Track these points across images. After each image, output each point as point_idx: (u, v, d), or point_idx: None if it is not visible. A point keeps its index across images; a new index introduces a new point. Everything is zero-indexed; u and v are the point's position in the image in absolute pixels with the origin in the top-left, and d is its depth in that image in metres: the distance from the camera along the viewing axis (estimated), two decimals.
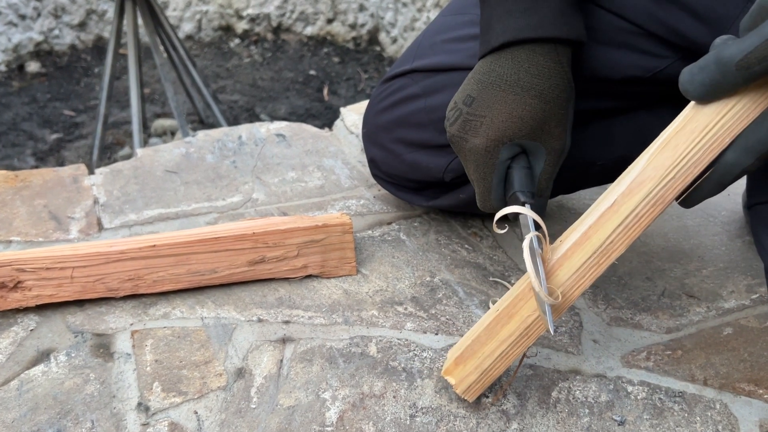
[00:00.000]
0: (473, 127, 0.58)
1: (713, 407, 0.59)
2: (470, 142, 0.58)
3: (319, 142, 1.00)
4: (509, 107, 0.56)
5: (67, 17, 2.63)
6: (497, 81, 0.57)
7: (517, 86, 0.56)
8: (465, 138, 0.58)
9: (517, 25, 0.55)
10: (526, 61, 0.56)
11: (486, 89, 0.57)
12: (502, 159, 0.57)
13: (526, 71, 0.56)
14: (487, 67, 0.58)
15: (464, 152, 0.59)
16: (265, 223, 0.70)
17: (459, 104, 0.59)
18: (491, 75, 0.57)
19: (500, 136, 0.57)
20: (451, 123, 0.60)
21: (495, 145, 0.57)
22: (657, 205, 0.48)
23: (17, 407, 0.57)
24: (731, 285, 0.75)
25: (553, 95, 0.57)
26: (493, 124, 0.57)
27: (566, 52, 0.57)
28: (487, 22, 0.58)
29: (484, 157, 0.58)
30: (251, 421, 0.56)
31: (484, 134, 0.57)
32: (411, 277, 0.73)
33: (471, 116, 0.58)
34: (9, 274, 0.64)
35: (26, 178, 0.87)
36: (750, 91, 0.43)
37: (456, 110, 0.59)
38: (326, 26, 2.89)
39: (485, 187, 0.59)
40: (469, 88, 0.59)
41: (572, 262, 0.50)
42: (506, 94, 0.56)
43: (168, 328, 0.65)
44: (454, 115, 0.59)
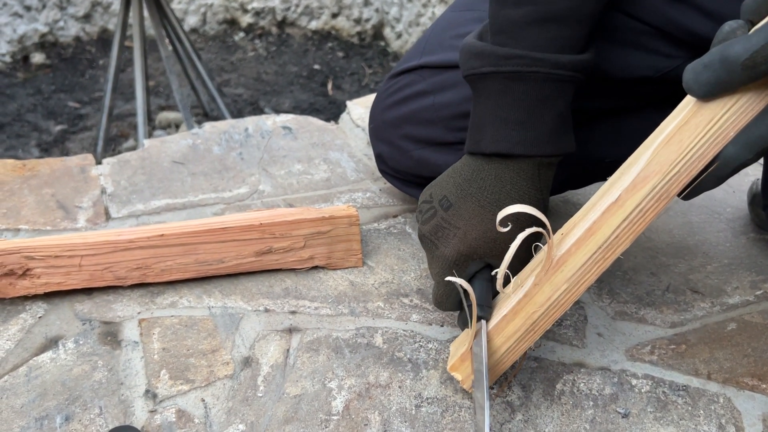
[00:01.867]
0: (445, 235, 0.57)
1: (717, 401, 0.59)
2: (440, 249, 0.57)
3: (325, 135, 1.00)
4: (485, 226, 0.55)
5: (72, 9, 2.63)
6: (477, 194, 0.56)
7: (496, 206, 0.55)
8: (435, 244, 0.58)
9: (511, 138, 0.54)
10: (508, 183, 0.55)
11: (465, 199, 0.56)
12: (468, 272, 0.57)
13: (507, 194, 0.55)
14: (469, 173, 0.56)
15: (432, 256, 0.59)
16: (273, 214, 0.70)
17: (435, 203, 0.58)
18: (472, 185, 0.56)
19: (471, 252, 0.56)
20: (423, 221, 0.59)
21: (464, 259, 0.56)
22: (662, 200, 0.48)
23: (26, 393, 0.57)
24: (735, 281, 0.75)
25: (529, 223, 0.56)
26: (466, 239, 0.56)
27: (548, 176, 0.56)
28: (480, 121, 0.56)
29: (450, 267, 0.57)
30: (258, 410, 0.56)
31: (455, 247, 0.56)
32: (417, 269, 0.74)
33: (445, 222, 0.57)
34: (18, 262, 0.65)
35: (34, 168, 0.87)
36: (753, 86, 0.43)
37: (431, 208, 0.58)
38: (331, 21, 2.88)
39: (444, 292, 0.59)
40: (448, 190, 0.58)
41: (577, 258, 0.50)
42: (484, 211, 0.55)
43: (175, 317, 0.66)
44: (429, 213, 0.59)
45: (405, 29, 2.69)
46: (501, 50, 0.53)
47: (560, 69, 0.53)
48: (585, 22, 0.54)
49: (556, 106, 0.54)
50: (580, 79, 0.55)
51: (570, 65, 0.53)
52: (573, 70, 0.53)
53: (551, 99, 0.54)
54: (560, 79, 0.53)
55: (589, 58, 0.55)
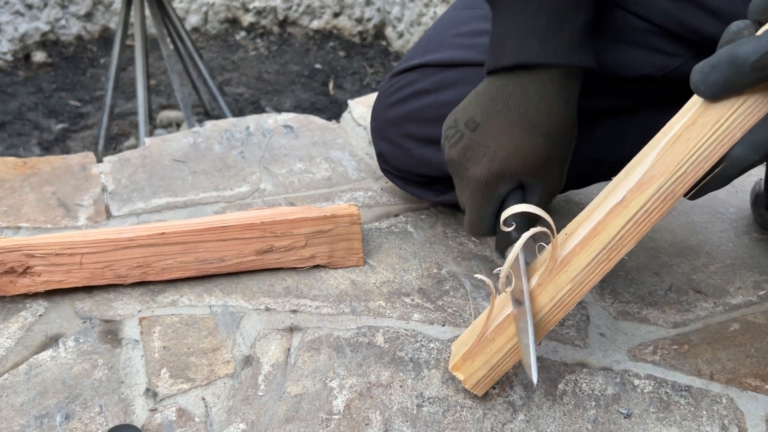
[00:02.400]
0: (476, 155, 0.56)
1: (719, 401, 0.59)
2: (471, 170, 0.56)
3: (326, 134, 1.00)
4: (515, 142, 0.54)
5: (73, 7, 2.63)
6: (504, 111, 0.55)
7: (524, 121, 0.54)
8: (465, 166, 0.57)
9: (532, 48, 0.53)
10: (535, 96, 0.54)
11: (492, 117, 0.55)
12: (499, 193, 0.56)
13: (535, 107, 0.54)
14: (494, 91, 0.56)
15: (462, 179, 0.58)
16: (274, 213, 0.70)
17: (461, 126, 0.57)
18: (498, 103, 0.55)
19: (502, 171, 0.55)
20: (451, 145, 0.58)
21: (496, 179, 0.56)
22: (667, 201, 0.47)
23: (26, 391, 0.57)
24: (738, 281, 0.75)
25: (558, 135, 0.55)
26: (497, 156, 0.55)
27: (575, 86, 0.56)
28: (500, 37, 0.55)
29: (482, 189, 0.56)
30: (259, 409, 0.56)
31: (486, 166, 0.55)
32: (418, 268, 0.74)
33: (474, 143, 0.56)
34: (18, 260, 0.65)
35: (35, 166, 0.87)
36: (762, 87, 0.43)
37: (457, 132, 0.58)
38: (332, 20, 2.88)
39: (478, 215, 0.58)
40: (473, 111, 0.57)
41: (581, 259, 0.50)
42: (513, 127, 0.54)
43: (176, 316, 0.65)
44: (455, 137, 0.58)
45: (407, 29, 2.68)
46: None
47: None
48: None
49: (578, 17, 0.54)
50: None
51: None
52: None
53: (572, 10, 0.53)
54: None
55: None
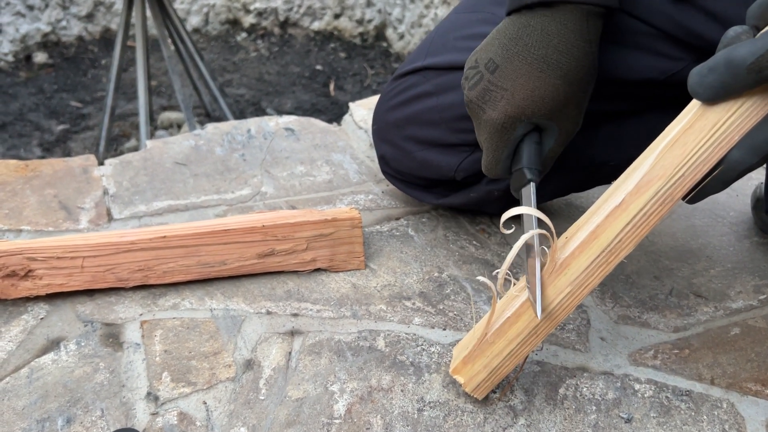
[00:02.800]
0: (493, 98, 0.56)
1: (720, 406, 0.59)
2: (488, 113, 0.57)
3: (327, 137, 1.00)
4: (533, 84, 0.55)
5: (74, 8, 2.63)
6: (523, 52, 0.55)
7: (543, 62, 0.54)
8: (483, 108, 0.57)
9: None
10: (555, 36, 0.54)
11: (511, 59, 0.55)
12: (516, 135, 0.57)
13: (554, 48, 0.54)
14: (514, 31, 0.56)
15: (479, 120, 0.59)
16: (275, 216, 0.70)
17: (481, 67, 0.58)
18: (518, 44, 0.55)
19: (519, 114, 0.56)
20: (470, 86, 0.58)
21: (512, 122, 0.56)
22: (665, 204, 0.48)
23: (27, 394, 0.57)
24: (739, 285, 0.75)
25: (578, 77, 0.55)
26: (514, 99, 0.55)
27: (598, 25, 0.56)
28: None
29: (499, 131, 0.57)
30: (260, 413, 0.56)
31: (503, 109, 0.56)
32: (419, 272, 0.74)
33: (492, 85, 0.56)
34: (20, 263, 0.65)
35: (36, 168, 0.87)
36: (759, 90, 0.43)
37: (477, 73, 0.58)
38: (333, 21, 2.88)
39: (494, 157, 0.59)
40: (493, 52, 0.57)
41: (580, 261, 0.50)
42: (531, 68, 0.55)
43: (177, 319, 0.65)
44: (475, 78, 0.58)
45: (407, 30, 2.69)
46: None
47: None
48: None
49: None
50: None
51: None
52: None
53: None
54: None
55: None
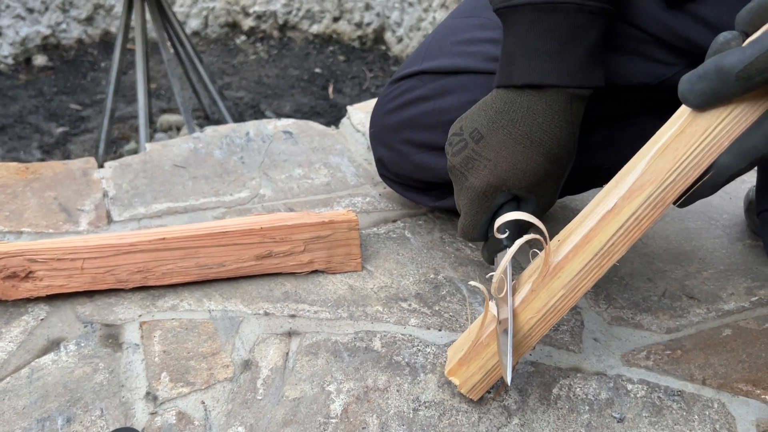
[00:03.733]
0: (476, 166, 0.58)
1: (711, 406, 0.60)
2: (470, 180, 0.58)
3: (325, 140, 1.01)
4: (515, 158, 0.56)
5: (74, 11, 2.64)
6: (509, 126, 0.56)
7: (527, 139, 0.56)
8: (465, 175, 0.59)
9: (543, 69, 0.55)
10: (540, 116, 0.56)
11: (496, 131, 0.57)
12: (495, 203, 0.58)
13: (539, 126, 0.56)
14: (501, 105, 0.57)
15: (461, 186, 0.60)
16: (273, 219, 0.71)
17: (465, 135, 0.59)
18: (504, 117, 0.57)
19: (500, 184, 0.57)
20: (454, 153, 0.60)
21: (493, 191, 0.58)
22: (657, 208, 0.48)
23: (28, 394, 0.58)
24: (731, 287, 0.76)
25: (559, 155, 0.57)
26: (496, 170, 0.57)
27: (580, 108, 0.57)
28: (511, 53, 0.57)
29: (479, 197, 0.58)
30: (257, 412, 0.57)
31: (485, 178, 0.57)
32: (415, 274, 0.74)
33: (476, 155, 0.58)
34: (20, 264, 0.65)
35: (37, 171, 0.88)
36: (747, 97, 0.44)
37: (461, 140, 0.59)
38: (332, 24, 2.90)
39: (472, 222, 0.60)
40: (479, 122, 0.58)
41: (574, 265, 0.51)
42: (515, 143, 0.56)
43: (176, 320, 0.66)
44: (459, 145, 0.59)
45: (406, 33, 2.70)
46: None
47: (592, 0, 0.53)
48: None
49: (588, 38, 0.55)
50: (611, 11, 0.55)
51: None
52: (605, 1, 0.54)
53: (583, 30, 0.54)
54: (592, 11, 0.54)
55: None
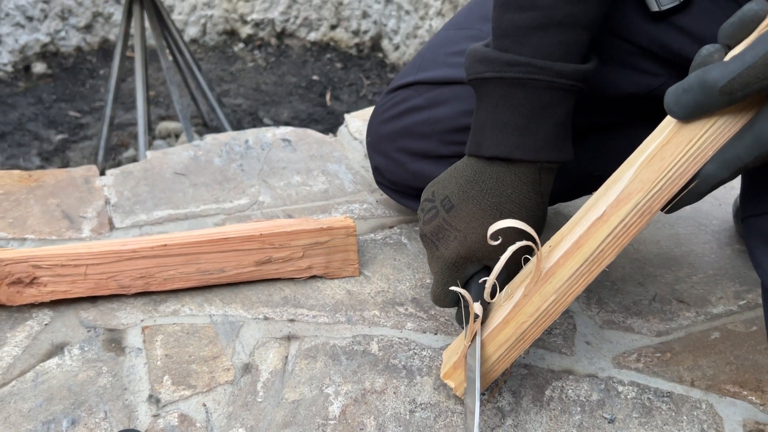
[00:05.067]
0: (446, 236, 0.58)
1: (699, 407, 0.61)
2: (440, 250, 0.59)
3: (323, 148, 1.03)
4: (484, 230, 0.56)
5: (73, 19, 2.66)
6: (478, 197, 0.57)
7: (496, 210, 0.56)
8: (436, 245, 0.59)
9: (510, 143, 0.55)
10: (509, 187, 0.56)
11: (466, 202, 0.57)
12: (465, 273, 0.59)
13: (508, 197, 0.56)
14: (471, 174, 0.58)
15: (432, 255, 0.61)
16: (272, 225, 0.73)
17: (437, 203, 0.59)
18: (474, 187, 0.57)
19: (470, 255, 0.58)
20: (425, 221, 0.60)
21: (463, 262, 0.58)
22: (644, 215, 0.50)
23: (33, 397, 0.59)
24: (720, 291, 0.77)
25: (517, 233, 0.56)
26: (466, 241, 0.57)
27: (549, 180, 0.58)
28: (481, 125, 0.57)
29: (450, 267, 0.59)
30: (257, 414, 0.58)
31: (454, 250, 0.58)
32: (412, 279, 0.76)
33: (447, 224, 0.58)
34: (25, 270, 0.67)
35: (40, 178, 0.90)
36: (730, 110, 0.46)
37: (433, 207, 0.60)
38: (330, 32, 2.92)
39: (443, 290, 0.60)
40: (450, 190, 0.59)
41: (565, 270, 0.53)
42: (485, 214, 0.57)
43: (177, 325, 0.68)
44: (431, 213, 0.60)
45: (402, 41, 2.72)
46: (505, 56, 0.54)
47: (562, 78, 0.54)
48: (587, 27, 0.55)
49: (556, 114, 0.55)
50: (581, 88, 0.56)
51: (572, 74, 0.54)
52: (574, 79, 0.54)
53: (551, 107, 0.55)
54: (561, 88, 0.55)
55: (591, 67, 0.56)
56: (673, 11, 0.61)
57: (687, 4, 0.61)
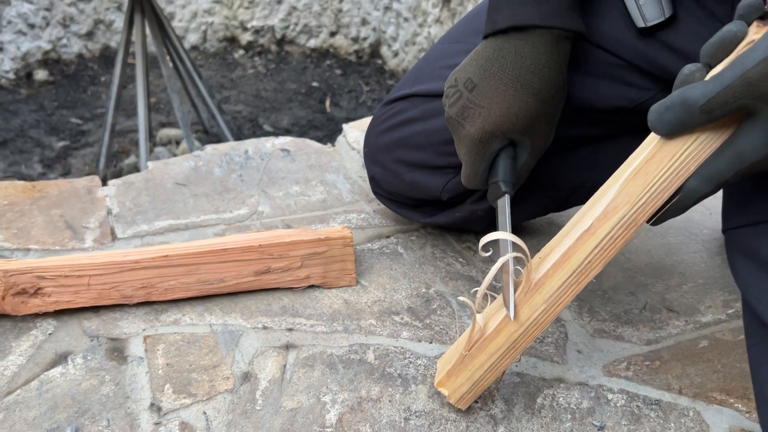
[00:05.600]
0: (471, 115, 0.61)
1: (687, 414, 0.63)
2: (466, 129, 0.62)
3: (322, 158, 1.04)
4: (508, 103, 0.60)
5: (75, 27, 2.68)
6: (499, 72, 0.60)
7: (517, 82, 0.59)
8: (462, 124, 0.62)
9: (525, 12, 0.59)
10: (528, 57, 0.59)
11: (488, 79, 0.60)
12: (492, 150, 0.62)
13: (527, 68, 0.59)
14: (491, 53, 0.61)
15: (459, 136, 0.63)
16: (271, 236, 0.74)
17: (460, 85, 0.62)
18: (494, 64, 0.60)
19: (495, 130, 0.61)
20: (450, 104, 0.63)
21: (489, 137, 0.61)
22: (630, 228, 0.52)
23: (37, 406, 0.61)
24: (709, 300, 0.79)
25: (549, 95, 0.60)
26: (490, 116, 0.60)
27: (566, 48, 0.61)
28: (496, 2, 0.61)
29: (477, 145, 0.62)
30: (256, 422, 0.60)
31: (480, 126, 0.61)
32: (407, 288, 0.78)
33: (471, 103, 0.61)
34: (30, 281, 0.69)
35: (43, 189, 0.91)
36: (711, 127, 0.47)
37: (456, 91, 0.63)
38: (329, 39, 2.94)
39: (473, 170, 0.64)
40: (471, 71, 0.62)
41: (554, 281, 0.54)
42: (506, 88, 0.60)
43: (178, 334, 0.69)
44: (455, 96, 0.63)
45: (401, 48, 2.74)
46: None
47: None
48: None
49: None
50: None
51: None
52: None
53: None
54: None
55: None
56: (659, 27, 0.63)
57: (672, 20, 0.63)
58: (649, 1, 0.62)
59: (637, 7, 0.63)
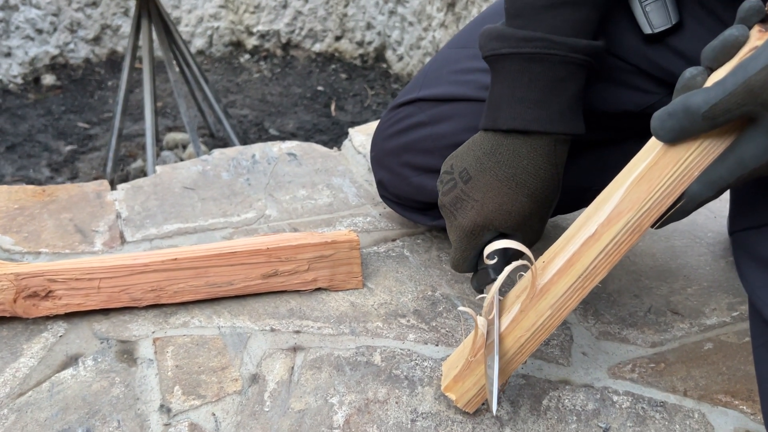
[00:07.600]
0: (464, 207, 0.61)
1: (692, 416, 0.63)
2: (458, 220, 0.62)
3: (328, 162, 1.05)
4: (501, 200, 0.60)
5: (82, 32, 2.70)
6: (495, 168, 0.60)
7: (512, 181, 0.59)
8: (454, 214, 0.62)
9: (527, 116, 0.58)
10: (525, 158, 0.59)
11: (483, 173, 0.60)
12: (483, 241, 0.62)
13: (523, 168, 0.59)
14: (489, 147, 0.60)
15: (451, 224, 0.64)
16: (278, 239, 0.75)
17: (455, 175, 0.62)
18: (491, 159, 0.60)
19: (487, 224, 0.61)
20: (444, 191, 0.63)
21: (480, 230, 0.61)
22: (635, 233, 0.52)
23: (49, 407, 0.61)
24: (714, 303, 0.79)
25: (543, 195, 0.60)
26: (483, 211, 0.60)
27: (564, 149, 0.61)
28: (497, 100, 0.60)
29: (468, 235, 0.62)
30: (265, 423, 0.61)
31: (472, 219, 0.61)
32: (414, 291, 0.78)
33: (464, 195, 0.61)
34: (41, 284, 0.70)
35: (53, 193, 0.92)
36: (713, 133, 0.48)
37: (452, 179, 0.63)
38: (334, 43, 2.95)
39: (462, 257, 0.64)
40: (468, 163, 0.62)
41: (559, 287, 0.55)
42: (501, 185, 0.59)
43: (187, 336, 0.70)
44: (449, 184, 0.63)
45: (406, 52, 2.75)
46: (520, 33, 0.57)
47: (576, 53, 0.57)
48: (596, 6, 0.58)
49: (570, 88, 0.58)
50: (593, 65, 0.59)
51: (586, 50, 0.57)
52: (588, 54, 0.58)
53: (566, 81, 0.58)
54: (575, 63, 0.58)
55: (602, 44, 0.59)
56: (666, 33, 0.64)
57: (679, 26, 0.63)
58: (655, 8, 0.63)
59: (643, 14, 0.63)
